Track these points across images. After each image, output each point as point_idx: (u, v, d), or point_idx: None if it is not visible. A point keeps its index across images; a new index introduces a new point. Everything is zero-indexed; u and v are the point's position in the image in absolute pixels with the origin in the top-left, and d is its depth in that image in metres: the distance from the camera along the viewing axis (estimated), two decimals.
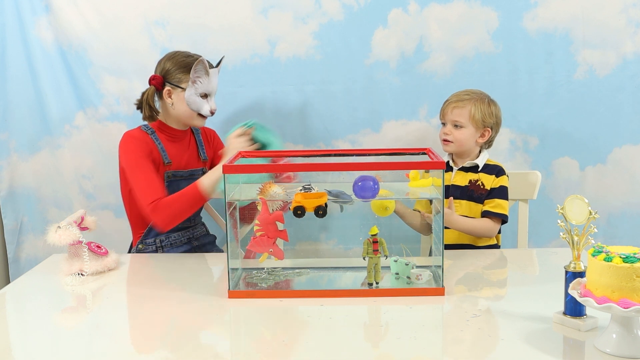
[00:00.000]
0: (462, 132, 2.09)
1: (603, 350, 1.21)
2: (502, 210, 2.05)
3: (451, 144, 2.11)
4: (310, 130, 2.48)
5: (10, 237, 2.58)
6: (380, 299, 1.54)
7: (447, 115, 2.11)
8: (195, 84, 2.04)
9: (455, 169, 2.15)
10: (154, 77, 2.08)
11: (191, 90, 2.04)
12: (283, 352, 1.28)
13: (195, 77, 2.03)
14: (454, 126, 2.10)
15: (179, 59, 2.07)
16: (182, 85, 2.05)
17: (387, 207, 1.71)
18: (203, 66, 2.03)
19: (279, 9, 2.41)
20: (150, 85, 2.08)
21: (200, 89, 2.05)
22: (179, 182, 2.09)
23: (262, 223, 1.59)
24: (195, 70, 2.02)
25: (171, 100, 2.07)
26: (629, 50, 2.36)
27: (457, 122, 2.09)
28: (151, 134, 2.08)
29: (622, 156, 2.41)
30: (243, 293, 1.59)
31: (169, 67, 2.07)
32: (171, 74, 2.06)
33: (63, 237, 1.74)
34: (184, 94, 2.05)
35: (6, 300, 1.62)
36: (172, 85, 2.06)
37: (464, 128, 2.09)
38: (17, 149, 2.52)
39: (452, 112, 2.10)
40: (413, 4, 2.39)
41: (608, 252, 1.20)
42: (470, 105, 2.08)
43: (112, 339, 1.36)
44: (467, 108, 2.08)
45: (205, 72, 2.04)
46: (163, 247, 2.10)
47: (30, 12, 2.44)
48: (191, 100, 2.05)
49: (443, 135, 2.12)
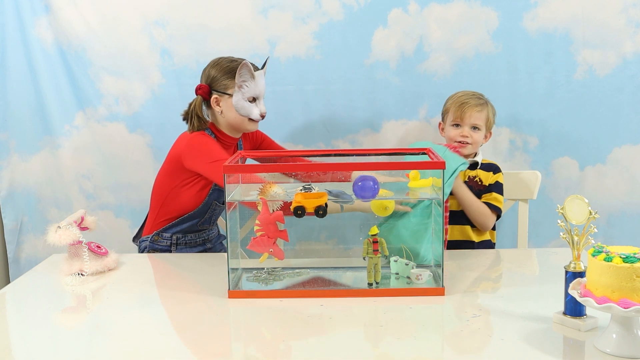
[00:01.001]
0: (479, 134, 2.14)
1: (603, 350, 1.21)
2: (499, 204, 2.11)
3: (469, 145, 2.13)
4: (310, 130, 2.48)
5: (10, 237, 2.58)
6: (380, 299, 1.54)
7: (467, 119, 2.12)
8: (241, 88, 1.99)
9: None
10: (200, 87, 2.03)
11: (238, 96, 1.99)
12: (283, 352, 1.28)
13: (241, 81, 1.98)
14: (472, 128, 2.13)
15: (223, 65, 2.02)
16: (229, 91, 2.00)
17: (386, 207, 1.71)
18: (247, 69, 1.97)
19: (279, 9, 2.41)
20: (197, 95, 2.04)
21: (248, 93, 1.99)
22: (221, 192, 2.07)
23: (263, 223, 1.59)
24: (240, 75, 1.97)
25: (220, 108, 2.03)
26: (628, 50, 2.36)
27: (477, 125, 2.13)
28: (214, 138, 2.05)
29: (621, 156, 2.41)
30: (243, 293, 1.59)
31: (214, 75, 2.02)
32: (217, 81, 2.01)
33: (63, 237, 1.74)
34: (232, 100, 2.00)
35: (6, 300, 1.62)
36: (219, 93, 2.01)
37: (480, 130, 2.14)
38: (17, 149, 2.52)
39: (473, 116, 2.12)
40: (413, 4, 2.39)
41: (608, 252, 1.20)
42: (487, 109, 2.15)
43: (112, 339, 1.36)
44: (485, 112, 2.14)
45: (251, 75, 1.99)
46: (177, 244, 2.09)
47: (30, 12, 2.44)
48: (239, 105, 2.00)
49: (461, 138, 2.13)
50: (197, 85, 2.04)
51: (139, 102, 2.47)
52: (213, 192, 2.07)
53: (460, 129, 2.13)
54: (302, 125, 2.48)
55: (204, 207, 2.08)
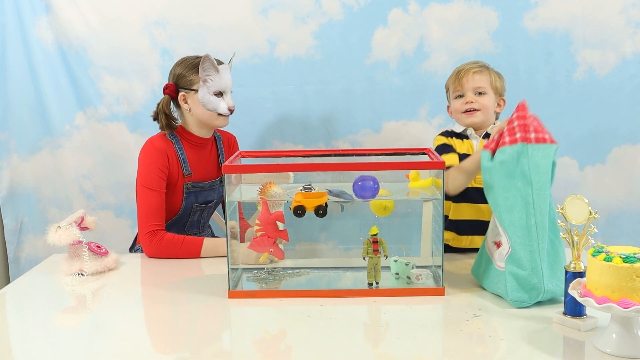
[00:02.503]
0: (486, 98, 1.96)
1: (603, 350, 1.21)
2: None
3: (477, 112, 1.96)
4: (310, 130, 2.48)
5: (10, 237, 2.58)
6: (380, 299, 1.54)
7: (467, 84, 1.96)
8: (206, 82, 1.98)
9: (479, 138, 2.01)
10: (167, 86, 2.04)
11: (204, 90, 1.99)
12: (283, 352, 1.28)
13: (205, 75, 1.98)
14: (477, 94, 1.96)
15: (187, 62, 2.03)
16: (194, 87, 2.00)
17: (386, 206, 1.71)
18: (210, 63, 1.97)
19: (279, 9, 2.41)
20: (165, 94, 2.04)
21: (213, 87, 1.99)
22: (198, 193, 2.07)
23: (263, 223, 1.60)
24: (203, 69, 1.97)
25: (187, 105, 2.02)
26: (628, 50, 2.36)
27: (480, 88, 1.96)
28: (175, 142, 2.03)
29: (621, 156, 2.41)
30: (243, 293, 1.59)
31: (180, 72, 2.02)
32: (183, 78, 2.02)
33: (63, 237, 1.74)
34: (198, 95, 2.00)
35: (6, 300, 1.62)
36: (185, 90, 2.02)
37: (487, 94, 1.97)
38: (17, 149, 2.52)
39: (473, 79, 1.95)
40: (413, 4, 2.39)
41: (608, 252, 1.20)
42: (488, 72, 1.99)
43: (112, 339, 1.36)
44: (486, 74, 1.98)
45: (214, 68, 1.98)
46: None
47: (30, 12, 2.44)
48: (205, 99, 1.99)
49: (466, 106, 1.96)
50: (164, 85, 2.05)
51: (140, 102, 2.48)
52: (189, 196, 2.06)
53: (464, 97, 1.98)
54: (302, 125, 2.48)
55: (184, 211, 2.07)
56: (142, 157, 2.00)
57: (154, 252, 1.91)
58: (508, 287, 1.47)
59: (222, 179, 2.12)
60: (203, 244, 1.90)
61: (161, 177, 1.97)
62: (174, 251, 1.90)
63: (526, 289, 1.45)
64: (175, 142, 2.03)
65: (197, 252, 1.90)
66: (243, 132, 2.43)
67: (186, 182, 2.04)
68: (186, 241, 1.91)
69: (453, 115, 2.06)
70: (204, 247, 1.90)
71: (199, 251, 1.90)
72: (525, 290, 1.45)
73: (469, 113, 1.96)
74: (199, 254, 1.90)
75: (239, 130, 2.36)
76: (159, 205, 1.96)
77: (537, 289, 1.44)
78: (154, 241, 1.91)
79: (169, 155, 2.00)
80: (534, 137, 1.53)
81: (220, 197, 2.18)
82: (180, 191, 2.04)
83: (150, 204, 1.95)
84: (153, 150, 1.99)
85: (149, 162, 1.98)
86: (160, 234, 1.92)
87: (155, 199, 1.95)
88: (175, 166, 2.01)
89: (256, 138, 2.49)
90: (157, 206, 1.96)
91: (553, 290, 1.45)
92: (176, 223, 2.09)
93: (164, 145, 2.01)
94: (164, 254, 1.91)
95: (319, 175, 1.72)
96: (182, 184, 2.04)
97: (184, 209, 2.07)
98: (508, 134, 1.55)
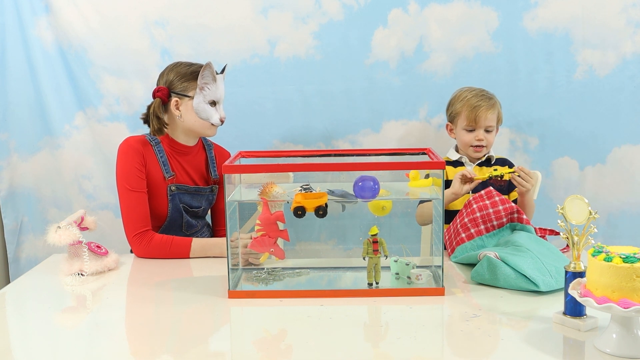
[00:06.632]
0: (492, 135, 2.13)
1: (603, 350, 1.21)
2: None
3: (484, 148, 2.13)
4: (310, 130, 2.48)
5: (10, 237, 2.58)
6: (380, 299, 1.54)
7: (482, 121, 2.10)
8: (203, 90, 1.96)
9: (473, 165, 2.18)
10: (159, 89, 1.98)
11: (199, 98, 1.97)
12: (283, 352, 1.28)
13: (203, 83, 1.96)
14: (485, 131, 2.11)
15: (182, 68, 2.00)
16: (189, 93, 1.97)
17: (383, 206, 1.71)
18: (210, 72, 1.95)
19: (279, 9, 2.41)
20: (155, 97, 1.99)
21: (209, 96, 1.97)
22: (183, 196, 2.04)
23: (263, 223, 1.59)
24: (202, 76, 1.95)
25: (179, 112, 1.99)
26: (628, 51, 2.36)
27: (490, 126, 2.12)
28: (155, 145, 2.00)
29: (621, 156, 2.41)
30: (243, 293, 1.59)
31: (174, 77, 1.99)
32: (176, 83, 1.98)
33: (63, 237, 1.74)
34: (192, 102, 1.97)
35: (6, 300, 1.62)
36: (179, 95, 1.98)
37: (493, 131, 2.13)
38: (17, 149, 2.52)
39: (486, 117, 2.10)
40: (413, 4, 2.39)
41: (608, 252, 1.20)
42: (497, 107, 2.13)
43: (112, 339, 1.36)
44: (496, 111, 2.12)
45: (213, 77, 1.97)
46: None
47: (30, 12, 2.44)
48: (200, 108, 1.97)
49: (477, 142, 2.12)
50: (155, 88, 2.00)
51: (140, 102, 2.47)
52: (174, 198, 2.03)
53: (475, 133, 2.12)
54: (302, 125, 2.48)
55: (174, 214, 2.04)
56: (118, 157, 1.98)
57: (144, 253, 1.91)
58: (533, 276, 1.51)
59: (214, 188, 2.13)
60: (192, 245, 1.89)
61: (139, 176, 1.96)
62: (163, 252, 1.90)
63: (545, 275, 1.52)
64: (155, 144, 2.01)
65: (186, 252, 1.89)
66: (243, 132, 2.44)
67: (169, 185, 2.01)
68: (175, 242, 1.90)
69: (457, 140, 2.20)
70: (193, 248, 1.89)
71: (188, 252, 1.89)
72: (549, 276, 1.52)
73: (478, 149, 2.12)
74: (188, 255, 1.89)
75: (239, 130, 2.36)
76: (143, 206, 1.95)
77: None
78: (142, 243, 1.91)
79: (146, 157, 1.98)
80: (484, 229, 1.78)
81: (210, 205, 2.15)
82: (164, 194, 2.01)
83: (134, 206, 1.94)
84: (128, 149, 1.97)
85: (125, 161, 1.96)
86: (148, 235, 1.92)
87: (137, 199, 1.94)
88: (155, 169, 1.99)
89: (256, 138, 2.49)
90: (141, 207, 1.95)
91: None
92: (170, 227, 2.06)
93: (140, 146, 1.98)
94: (154, 255, 1.91)
95: (318, 175, 1.72)
96: (165, 187, 2.01)
97: (174, 211, 2.03)
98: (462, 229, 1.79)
